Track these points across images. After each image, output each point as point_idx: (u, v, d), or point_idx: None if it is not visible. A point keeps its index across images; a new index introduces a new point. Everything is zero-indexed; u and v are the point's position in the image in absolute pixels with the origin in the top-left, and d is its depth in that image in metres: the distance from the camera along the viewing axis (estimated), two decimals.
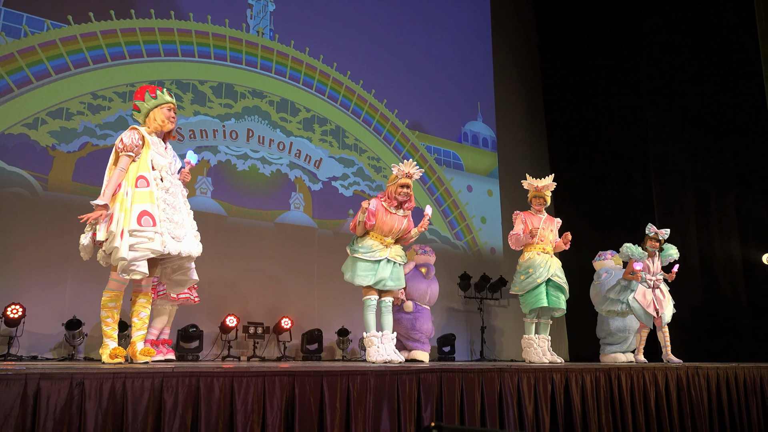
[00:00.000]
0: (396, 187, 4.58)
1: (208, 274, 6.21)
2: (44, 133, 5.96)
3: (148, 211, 3.31)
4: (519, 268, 5.52)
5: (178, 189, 3.57)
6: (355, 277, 4.54)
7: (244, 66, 7.32)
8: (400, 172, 4.57)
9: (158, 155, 3.51)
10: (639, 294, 5.87)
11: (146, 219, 3.29)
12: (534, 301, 5.36)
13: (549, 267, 5.40)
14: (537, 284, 5.33)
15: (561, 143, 9.78)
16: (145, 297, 3.54)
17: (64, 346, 5.56)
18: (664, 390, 4.54)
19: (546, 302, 5.34)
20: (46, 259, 5.66)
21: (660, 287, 5.97)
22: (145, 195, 3.35)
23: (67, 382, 2.28)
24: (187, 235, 3.47)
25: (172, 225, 3.40)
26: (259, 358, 6.32)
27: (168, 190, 3.48)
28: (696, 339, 7.84)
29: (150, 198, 3.35)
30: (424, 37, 9.03)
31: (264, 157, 7.22)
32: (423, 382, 3.29)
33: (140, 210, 3.29)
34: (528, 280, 5.37)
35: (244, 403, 2.65)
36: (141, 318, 3.51)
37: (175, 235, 3.39)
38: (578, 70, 9.61)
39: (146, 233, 3.27)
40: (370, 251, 4.52)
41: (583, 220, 9.04)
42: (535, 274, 5.35)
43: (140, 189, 3.36)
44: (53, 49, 6.15)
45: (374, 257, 4.52)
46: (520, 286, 5.46)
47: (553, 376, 3.93)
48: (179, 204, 3.51)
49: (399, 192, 4.57)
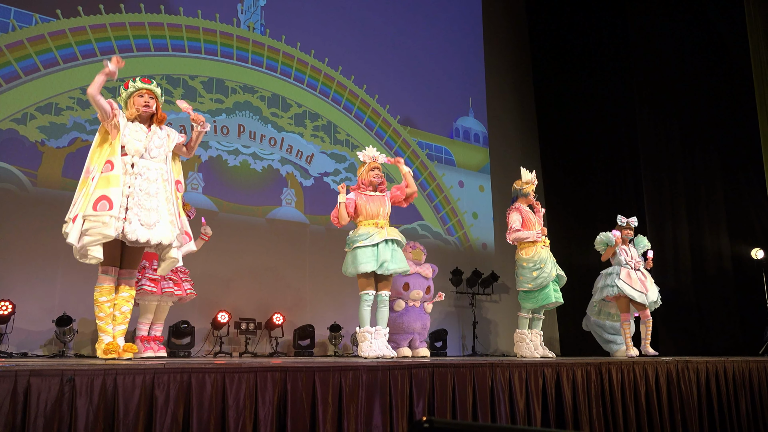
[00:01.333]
0: (367, 173, 4.87)
1: (199, 270, 6.21)
2: (33, 129, 5.92)
3: (107, 195, 3.28)
4: (525, 263, 5.50)
5: (158, 174, 3.49)
6: (358, 265, 4.55)
7: (235, 61, 7.29)
8: (366, 158, 4.93)
9: (134, 140, 3.48)
10: (623, 275, 6.03)
11: (102, 204, 3.26)
12: (543, 298, 5.40)
13: (553, 261, 5.48)
14: (549, 281, 5.38)
15: (552, 138, 9.81)
16: (127, 290, 3.51)
17: (54, 342, 5.53)
18: (654, 384, 4.57)
19: (553, 298, 5.39)
20: (35, 255, 5.62)
21: (641, 269, 6.17)
22: (108, 179, 3.33)
23: (58, 378, 2.27)
24: (160, 222, 3.40)
25: (143, 211, 3.36)
26: (251, 353, 6.32)
27: (142, 176, 3.43)
28: (685, 333, 7.91)
29: (113, 182, 3.32)
30: (416, 32, 9.02)
31: (255, 152, 7.20)
32: (415, 377, 3.30)
33: (99, 194, 3.28)
34: (543, 275, 5.39)
35: (236, 398, 2.65)
36: (123, 312, 3.48)
37: (145, 222, 3.35)
38: (569, 65, 9.63)
39: (101, 217, 3.24)
40: (368, 236, 4.59)
41: (572, 214, 9.10)
42: (546, 269, 5.38)
43: (105, 173, 3.35)
44: (42, 43, 6.09)
45: (373, 240, 4.58)
46: (534, 283, 5.44)
47: (545, 371, 3.95)
48: (155, 190, 3.44)
49: (372, 176, 4.86)
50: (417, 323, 6.02)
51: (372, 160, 4.93)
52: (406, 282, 5.95)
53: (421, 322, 6.06)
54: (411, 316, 6.00)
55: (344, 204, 4.76)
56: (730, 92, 8.48)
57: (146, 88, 3.60)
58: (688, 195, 8.48)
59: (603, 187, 9.01)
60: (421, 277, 6.06)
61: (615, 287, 6.01)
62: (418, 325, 6.03)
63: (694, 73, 8.63)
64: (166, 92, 6.70)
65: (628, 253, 6.17)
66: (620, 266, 6.10)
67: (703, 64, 8.63)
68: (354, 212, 4.79)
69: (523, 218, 5.55)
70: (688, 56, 8.72)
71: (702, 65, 8.63)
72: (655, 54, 8.73)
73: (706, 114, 8.56)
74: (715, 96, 8.53)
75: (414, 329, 6.01)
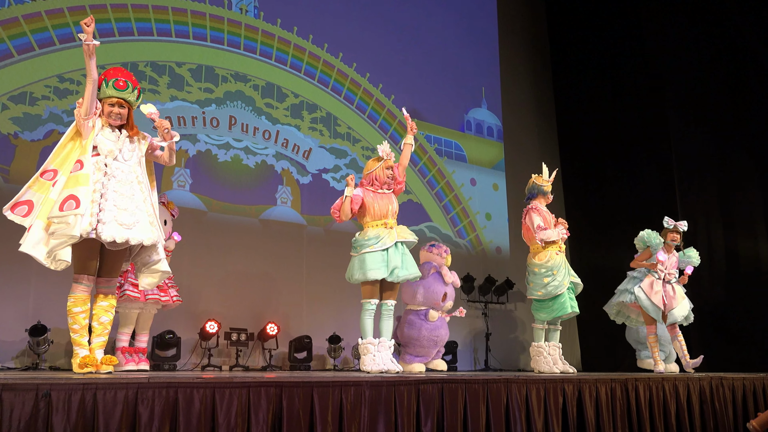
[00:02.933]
0: (383, 170, 4.84)
1: (186, 276, 6.22)
2: (5, 120, 5.93)
3: (74, 194, 3.32)
4: (536, 269, 5.50)
5: (132, 176, 3.57)
6: (367, 271, 4.54)
7: (226, 47, 7.30)
8: (385, 153, 4.87)
9: (106, 140, 3.55)
10: (645, 284, 5.93)
11: (69, 203, 3.30)
12: (558, 308, 5.39)
13: (568, 268, 5.45)
14: (563, 289, 5.37)
15: (572, 132, 9.79)
16: (107, 300, 3.55)
17: (27, 354, 5.53)
18: (686, 402, 4.56)
19: (569, 308, 5.38)
20: (6, 258, 5.61)
21: (672, 283, 6.04)
22: (77, 178, 3.38)
23: (32, 393, 2.27)
24: (139, 222, 3.46)
25: (120, 211, 3.41)
26: (243, 367, 6.32)
27: (116, 177, 3.49)
28: (720, 346, 7.88)
29: (82, 180, 3.37)
30: (424, 15, 9.02)
31: (248, 146, 7.21)
32: (423, 394, 3.29)
33: (67, 194, 3.33)
34: (554, 283, 5.39)
35: (227, 416, 2.65)
36: (102, 323, 3.52)
37: (122, 222, 3.39)
38: (591, 54, 9.61)
39: (66, 217, 3.27)
40: (379, 240, 4.58)
41: (594, 217, 9.08)
42: (559, 276, 5.38)
43: (74, 173, 3.41)
44: (15, 27, 6.10)
45: (385, 245, 4.58)
46: (545, 291, 5.44)
47: (565, 388, 3.94)
48: (131, 192, 3.51)
49: (388, 174, 4.85)
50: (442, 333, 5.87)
51: (389, 157, 4.91)
52: (445, 292, 5.83)
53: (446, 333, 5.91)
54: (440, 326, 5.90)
55: (351, 198, 4.73)
56: (763, 89, 8.46)
57: (117, 97, 3.60)
58: (721, 197, 8.47)
59: (627, 187, 8.98)
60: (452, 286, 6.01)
61: (632, 294, 5.98)
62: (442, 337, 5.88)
63: (725, 70, 8.61)
64: (151, 81, 6.72)
65: (663, 261, 6.02)
66: (648, 272, 6.04)
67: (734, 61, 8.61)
68: (359, 210, 4.79)
69: (543, 218, 5.55)
70: (719, 53, 8.70)
71: (734, 62, 8.61)
72: (684, 51, 8.72)
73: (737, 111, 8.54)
74: (747, 93, 8.51)
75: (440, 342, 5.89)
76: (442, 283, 5.76)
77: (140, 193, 3.56)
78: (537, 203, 5.68)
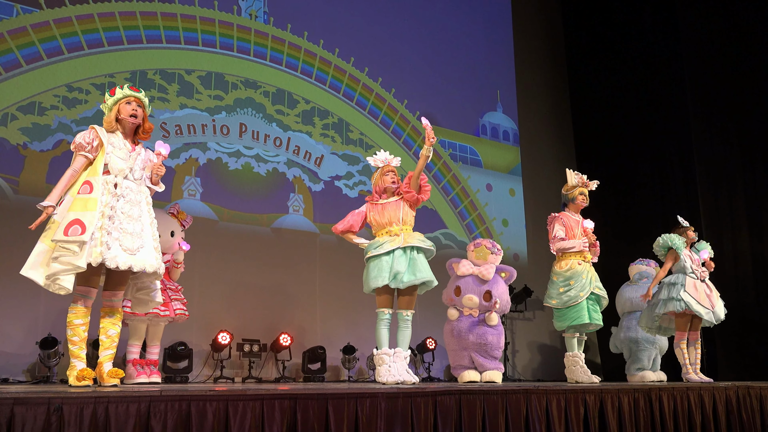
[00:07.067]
0: (381, 177, 4.85)
1: (197, 286, 6.25)
2: (14, 131, 6.00)
3: (80, 219, 3.33)
4: (555, 277, 5.52)
5: (141, 197, 3.63)
6: (369, 281, 4.54)
7: (236, 53, 7.35)
8: (378, 162, 4.91)
9: (118, 159, 3.59)
10: (689, 286, 5.77)
11: (75, 228, 3.31)
12: (575, 317, 5.38)
13: (591, 278, 5.42)
14: (580, 300, 5.35)
15: (589, 137, 9.75)
16: (113, 313, 3.60)
17: (38, 367, 5.58)
18: (712, 413, 4.52)
19: (588, 319, 5.35)
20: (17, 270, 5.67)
21: (706, 281, 5.93)
22: (85, 202, 3.40)
23: (44, 407, 2.29)
24: (144, 248, 3.50)
25: (126, 236, 3.44)
26: (256, 379, 6.34)
27: (125, 197, 3.53)
28: (748, 354, 7.80)
29: (90, 205, 3.39)
30: (436, 18, 9.04)
31: (259, 154, 7.24)
32: (440, 406, 3.29)
33: (73, 218, 3.34)
34: (570, 293, 5.39)
35: (240, 429, 2.66)
36: (109, 336, 3.58)
37: (127, 248, 3.42)
38: (608, 56, 9.59)
39: (72, 245, 3.29)
40: (378, 245, 4.58)
41: (613, 223, 9.01)
42: (577, 286, 5.37)
43: (81, 195, 3.43)
44: (23, 36, 6.19)
45: (384, 249, 4.54)
46: (559, 300, 5.45)
47: (587, 398, 3.92)
48: (138, 213, 3.56)
49: (388, 181, 4.84)
50: (470, 336, 5.77)
51: (385, 163, 4.93)
52: (457, 286, 5.84)
53: (477, 335, 5.77)
54: (464, 327, 5.78)
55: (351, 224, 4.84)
56: None
57: (134, 96, 3.72)
58: (748, 201, 8.39)
59: (649, 192, 8.92)
60: (477, 280, 5.87)
61: (681, 301, 5.77)
62: (471, 340, 5.77)
63: (750, 73, 8.52)
64: (161, 89, 6.78)
65: (692, 259, 5.93)
66: (685, 275, 5.89)
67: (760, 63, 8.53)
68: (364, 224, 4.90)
69: (566, 227, 5.54)
70: (742, 56, 8.63)
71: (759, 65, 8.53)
72: (708, 49, 8.65)
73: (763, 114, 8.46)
74: None
75: (467, 345, 5.79)
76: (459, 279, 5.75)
77: (147, 216, 3.61)
78: (566, 211, 5.70)
